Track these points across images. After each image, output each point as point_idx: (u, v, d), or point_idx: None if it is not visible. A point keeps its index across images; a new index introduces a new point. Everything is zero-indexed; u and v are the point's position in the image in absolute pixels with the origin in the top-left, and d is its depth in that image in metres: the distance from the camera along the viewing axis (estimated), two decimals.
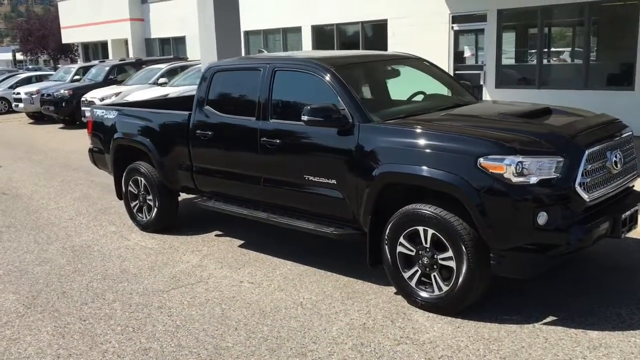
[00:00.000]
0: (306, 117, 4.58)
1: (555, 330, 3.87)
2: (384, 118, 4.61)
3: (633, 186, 4.57)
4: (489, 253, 3.91)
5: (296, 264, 5.35)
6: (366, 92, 5.25)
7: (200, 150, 5.77)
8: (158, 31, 26.17)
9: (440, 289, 4.14)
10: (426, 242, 4.15)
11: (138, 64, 19.58)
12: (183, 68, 17.06)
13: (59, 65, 35.08)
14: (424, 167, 4.06)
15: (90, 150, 7.33)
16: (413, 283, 4.29)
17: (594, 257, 5.00)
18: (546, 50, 13.50)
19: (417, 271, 4.27)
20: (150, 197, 6.45)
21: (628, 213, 4.12)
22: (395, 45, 15.75)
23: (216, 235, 6.34)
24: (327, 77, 4.81)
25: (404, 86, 5.55)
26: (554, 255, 3.88)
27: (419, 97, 5.43)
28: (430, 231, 4.09)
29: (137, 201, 6.66)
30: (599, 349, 3.62)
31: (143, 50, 26.74)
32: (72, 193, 8.70)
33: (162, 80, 16.29)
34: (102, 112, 6.95)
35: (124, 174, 6.68)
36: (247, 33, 20.90)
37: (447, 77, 5.76)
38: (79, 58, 35.19)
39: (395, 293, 4.57)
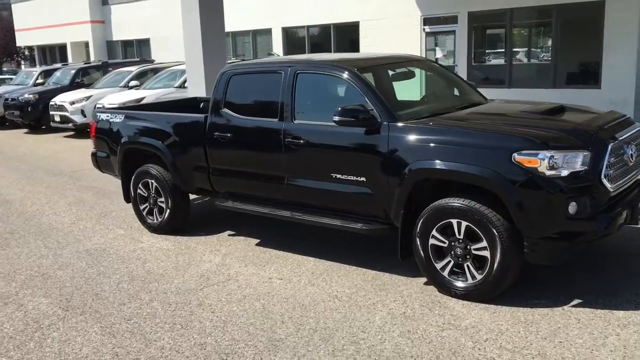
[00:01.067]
0: (337, 117, 4.78)
1: (584, 312, 4.18)
2: (409, 117, 4.85)
3: None
4: (522, 242, 4.20)
5: (319, 259, 5.53)
6: (388, 92, 5.47)
7: (218, 152, 5.88)
8: (120, 33, 25.82)
9: (474, 277, 4.40)
10: (459, 234, 4.41)
11: (104, 67, 19.32)
12: (154, 70, 16.96)
13: (14, 69, 34.13)
14: (460, 163, 4.32)
15: (94, 155, 7.33)
16: (446, 273, 4.54)
17: (604, 243, 5.36)
18: (516, 50, 14.06)
19: (449, 262, 4.52)
20: (162, 199, 6.52)
21: None
22: (367, 47, 16.10)
23: (229, 235, 6.46)
24: (352, 79, 5.02)
25: (416, 87, 5.79)
26: (582, 242, 4.21)
27: (432, 97, 5.69)
28: (464, 223, 4.35)
29: (146, 204, 6.71)
30: (628, 327, 3.95)
31: (104, 53, 26.34)
32: (64, 198, 8.63)
33: (133, 83, 16.14)
34: (108, 116, 6.97)
35: (133, 177, 6.72)
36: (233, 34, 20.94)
37: (456, 78, 6.05)
38: (25, 61, 34.19)
39: (425, 283, 4.82)
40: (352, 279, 5.05)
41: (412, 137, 4.62)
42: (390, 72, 5.76)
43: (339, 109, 4.78)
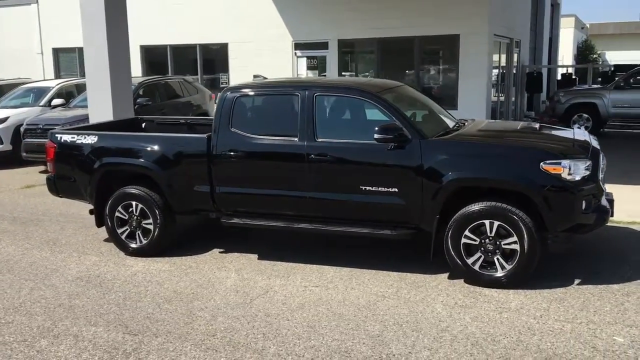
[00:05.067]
0: (378, 135, 5.34)
1: (591, 288, 5.24)
2: (432, 135, 5.58)
3: None
4: (547, 235, 5.15)
5: (335, 267, 5.96)
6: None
7: (226, 171, 6.02)
8: None
9: (503, 267, 5.25)
10: (491, 232, 5.23)
11: None
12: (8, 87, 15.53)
13: None
14: (497, 172, 5.15)
15: (51, 179, 6.86)
16: (477, 267, 5.33)
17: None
18: (383, 72, 15.52)
19: (480, 257, 5.31)
20: (148, 221, 6.40)
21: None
22: (237, 67, 16.49)
23: (220, 253, 6.56)
24: (378, 102, 5.62)
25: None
26: (587, 231, 5.30)
27: (428, 117, 6.45)
28: (497, 223, 5.18)
29: (126, 227, 6.51)
30: (630, 295, 5.08)
31: None
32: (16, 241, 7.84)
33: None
34: (73, 137, 6.63)
35: (111, 200, 6.48)
36: (56, 51, 19.67)
37: (431, 101, 6.91)
38: None
39: (449, 277, 5.56)
40: (383, 280, 5.59)
41: (445, 152, 5.35)
42: (402, 95, 6.40)
43: (378, 127, 5.34)
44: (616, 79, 16.74)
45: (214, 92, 16.14)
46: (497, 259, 5.26)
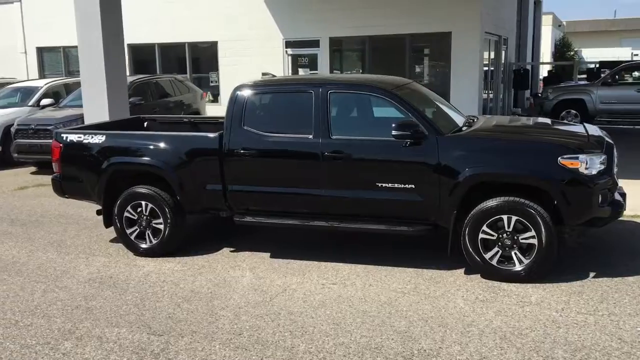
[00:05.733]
0: (395, 132, 5.35)
1: (606, 281, 5.30)
2: (448, 131, 5.61)
3: None
4: (564, 228, 5.21)
5: (350, 264, 5.96)
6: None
7: (239, 169, 5.98)
8: None
9: (521, 262, 5.29)
10: (509, 227, 5.27)
11: None
12: None
13: None
14: (515, 167, 5.20)
15: (57, 179, 6.75)
16: (494, 262, 5.37)
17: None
18: (374, 70, 15.54)
19: (497, 252, 5.35)
20: (158, 220, 6.33)
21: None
22: (228, 66, 16.40)
23: (231, 252, 6.52)
24: (394, 99, 5.63)
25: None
26: (603, 224, 5.37)
27: (438, 114, 6.46)
28: (514, 218, 5.23)
29: (135, 227, 6.44)
30: None
31: None
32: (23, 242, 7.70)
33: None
34: (80, 137, 6.54)
35: (120, 200, 6.41)
36: (40, 50, 19.39)
37: (439, 97, 6.93)
38: None
39: (466, 273, 5.59)
40: (399, 277, 5.60)
41: (463, 148, 5.38)
42: (414, 93, 6.39)
43: (395, 124, 5.35)
44: (602, 75, 16.99)
45: (204, 90, 16.06)
46: (515, 253, 5.31)
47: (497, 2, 16.38)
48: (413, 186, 5.50)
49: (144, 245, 6.43)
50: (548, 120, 6.32)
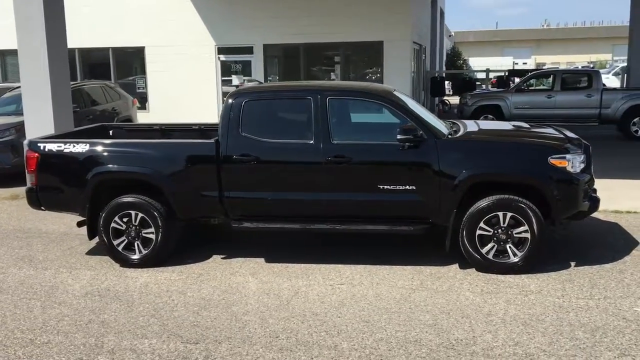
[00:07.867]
0: (400, 136, 5.61)
1: (587, 269, 5.84)
2: (444, 135, 5.94)
3: None
4: (552, 222, 5.70)
5: (348, 265, 6.14)
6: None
7: (238, 175, 6.00)
8: None
9: (515, 254, 5.71)
10: (504, 223, 5.68)
11: None
12: None
13: None
14: (509, 167, 5.62)
15: (33, 191, 6.41)
16: (490, 256, 5.76)
17: None
18: (307, 77, 15.83)
19: (493, 246, 5.75)
20: (149, 230, 6.20)
21: None
22: (156, 72, 16.03)
23: (223, 259, 6.49)
24: (393, 105, 5.90)
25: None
26: (583, 218, 5.91)
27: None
28: (509, 214, 5.64)
29: (123, 238, 6.26)
30: (624, 272, 5.74)
31: None
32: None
33: None
34: (59, 146, 6.27)
35: (107, 211, 6.20)
36: None
37: (420, 105, 7.27)
38: None
39: (461, 267, 5.95)
40: (401, 274, 5.86)
41: (460, 150, 5.74)
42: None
43: (399, 129, 5.62)
44: (516, 81, 18.24)
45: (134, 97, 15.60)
46: (509, 247, 5.72)
47: (420, 12, 17.20)
48: (414, 187, 5.78)
49: (134, 256, 6.25)
50: (527, 125, 6.86)
